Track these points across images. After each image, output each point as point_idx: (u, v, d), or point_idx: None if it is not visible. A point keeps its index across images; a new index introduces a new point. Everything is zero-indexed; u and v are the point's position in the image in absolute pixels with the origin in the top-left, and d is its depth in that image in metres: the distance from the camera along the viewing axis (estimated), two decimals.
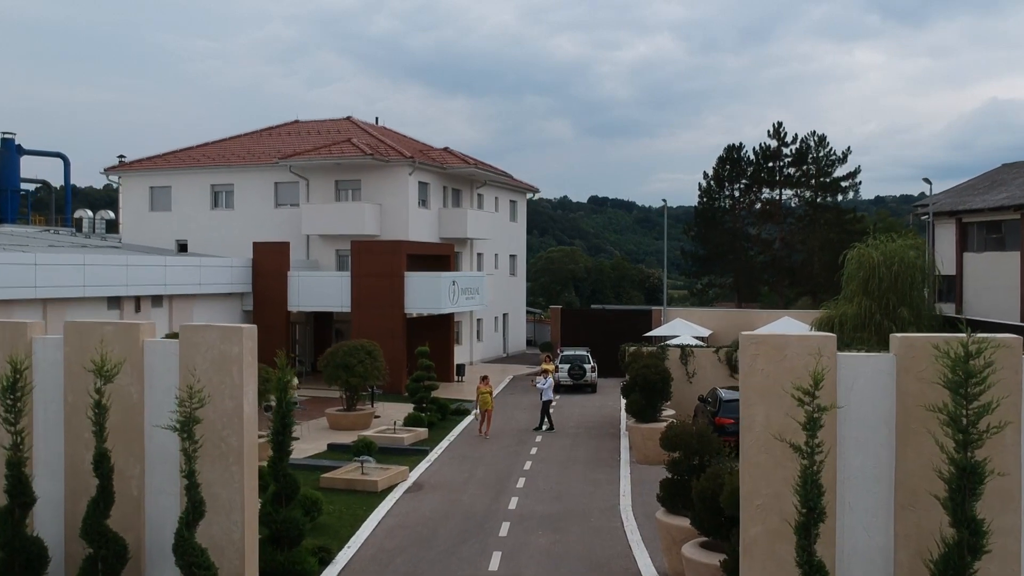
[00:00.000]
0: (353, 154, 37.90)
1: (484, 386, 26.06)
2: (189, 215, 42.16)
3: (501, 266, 49.35)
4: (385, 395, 31.94)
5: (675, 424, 14.11)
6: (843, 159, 55.06)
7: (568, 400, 33.49)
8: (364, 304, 34.38)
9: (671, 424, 14.09)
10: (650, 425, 21.81)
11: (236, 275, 35.40)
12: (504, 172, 44.79)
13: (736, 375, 26.78)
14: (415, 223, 39.32)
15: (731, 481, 10.64)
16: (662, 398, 21.98)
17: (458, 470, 21.16)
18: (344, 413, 26.72)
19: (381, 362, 27.05)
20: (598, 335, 43.14)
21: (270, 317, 35.70)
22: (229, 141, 44.88)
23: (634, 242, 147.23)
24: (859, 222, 54.92)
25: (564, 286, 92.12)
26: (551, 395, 26.92)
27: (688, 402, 26.18)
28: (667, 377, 21.95)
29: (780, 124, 55.66)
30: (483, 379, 26.72)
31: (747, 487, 9.38)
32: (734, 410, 22.59)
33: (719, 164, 57.45)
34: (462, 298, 35.83)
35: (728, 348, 26.92)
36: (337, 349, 26.69)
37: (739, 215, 57.46)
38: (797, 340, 9.38)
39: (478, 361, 45.38)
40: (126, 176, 43.53)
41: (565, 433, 26.27)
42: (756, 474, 9.33)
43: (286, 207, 40.72)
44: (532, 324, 57.60)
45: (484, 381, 26.45)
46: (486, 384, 26.23)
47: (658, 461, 21.55)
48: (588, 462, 22.12)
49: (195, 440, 10.06)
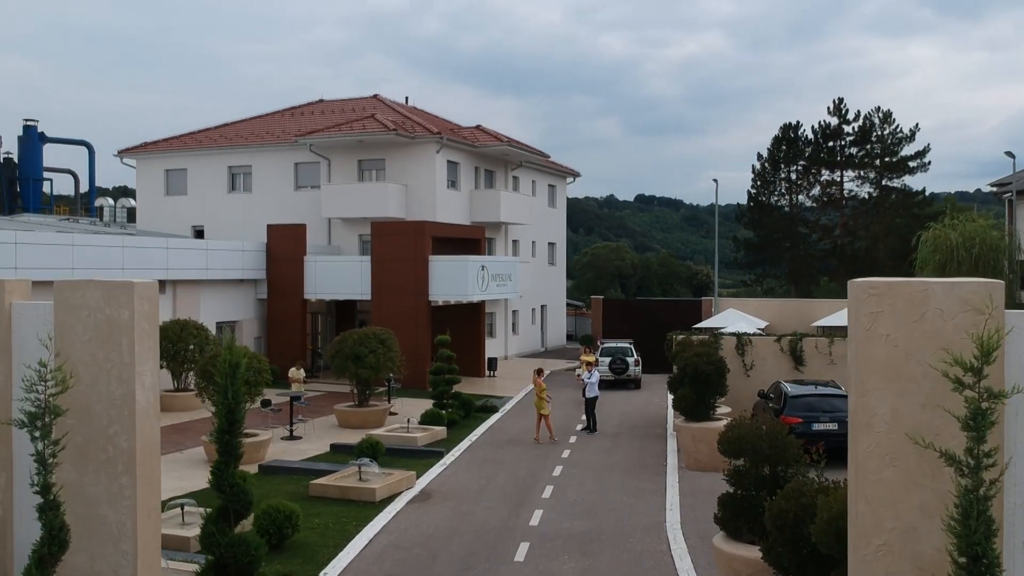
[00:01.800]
0: (376, 130, 35.02)
1: (540, 379, 22.54)
2: (206, 199, 39.73)
3: (539, 254, 46.14)
4: (406, 390, 28.97)
5: (738, 422, 10.78)
6: (911, 137, 50.66)
7: (609, 397, 30.15)
8: (385, 291, 31.47)
9: (734, 422, 10.76)
10: (702, 424, 18.45)
11: (249, 260, 32.75)
12: (541, 152, 41.58)
13: (801, 368, 23.29)
14: (443, 205, 36.32)
15: (829, 504, 7.32)
16: (716, 393, 18.60)
17: (475, 476, 18.04)
18: (355, 409, 23.79)
19: (396, 352, 24.06)
20: (642, 327, 39.66)
21: (285, 305, 33.00)
22: (249, 122, 42.40)
23: (681, 240, 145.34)
24: (928, 205, 50.56)
25: (609, 282, 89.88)
26: (597, 391, 23.41)
27: (745, 399, 22.73)
28: (722, 367, 18.57)
29: (841, 100, 51.56)
30: (537, 372, 23.34)
31: (862, 518, 6.08)
32: (802, 407, 19.10)
33: (774, 145, 53.38)
34: (492, 285, 32.72)
35: (792, 337, 23.38)
36: (346, 338, 23.76)
37: (796, 199, 53.33)
38: (945, 289, 6.01)
39: (513, 356, 42.26)
40: (141, 159, 41.26)
41: (604, 433, 22.98)
42: (877, 498, 6.03)
43: (307, 189, 38.04)
44: (573, 317, 54.28)
45: (539, 375, 23.01)
46: (541, 377, 22.72)
47: (712, 467, 18.15)
48: (629, 468, 18.83)
49: (52, 440, 7.05)
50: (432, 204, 35.81)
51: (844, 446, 16.59)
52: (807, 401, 18.97)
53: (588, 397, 23.23)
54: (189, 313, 29.77)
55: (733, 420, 10.96)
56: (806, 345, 23.12)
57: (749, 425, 10.67)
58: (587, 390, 23.26)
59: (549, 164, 47.07)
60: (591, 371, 23.86)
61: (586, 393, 23.35)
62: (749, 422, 10.90)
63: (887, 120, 50.64)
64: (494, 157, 40.43)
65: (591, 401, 23.21)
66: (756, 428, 10.48)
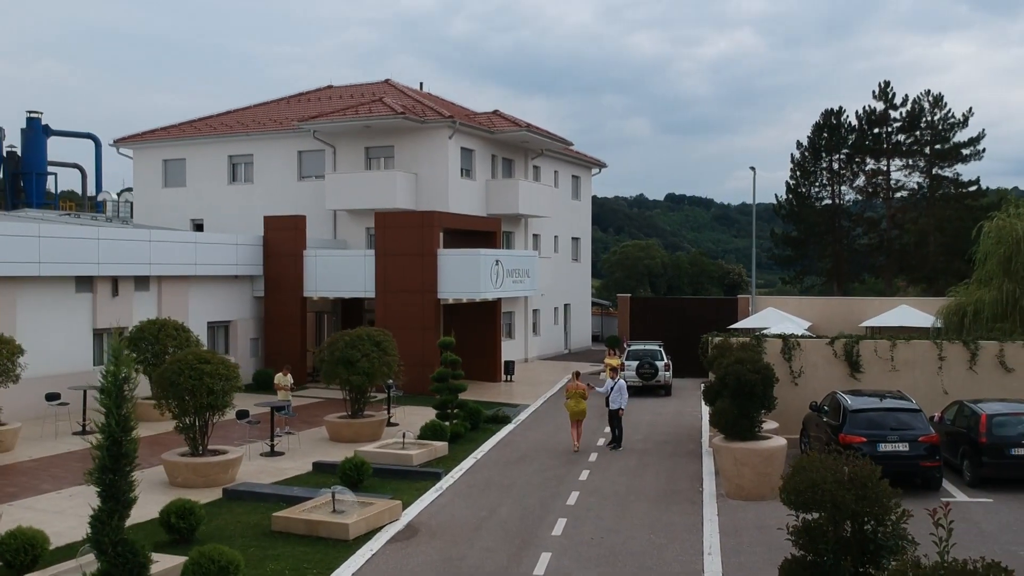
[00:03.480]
0: (383, 113, 32.27)
1: (575, 386, 20.06)
2: (205, 191, 37.30)
3: (562, 250, 43.20)
4: (411, 397, 26.23)
5: (809, 462, 7.82)
6: (963, 122, 46.86)
7: (636, 405, 27.17)
8: (390, 288, 28.73)
9: (802, 463, 7.80)
10: (746, 445, 15.45)
11: (244, 254, 30.18)
12: (563, 139, 38.59)
13: (858, 375, 20.16)
14: (457, 195, 33.52)
15: None
16: (762, 406, 15.58)
17: (474, 505, 15.19)
18: (347, 420, 21.04)
19: (394, 356, 21.29)
20: (674, 328, 36.60)
21: (283, 304, 30.41)
22: (251, 109, 39.90)
23: (712, 239, 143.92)
24: (983, 195, 46.83)
25: (639, 281, 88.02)
26: (622, 401, 20.35)
27: (794, 411, 19.69)
28: (769, 376, 15.55)
29: (887, 83, 47.89)
30: (574, 376, 20.84)
31: None
32: (866, 423, 15.94)
33: (815, 132, 49.76)
34: (508, 281, 29.85)
35: (848, 339, 20.24)
36: (337, 340, 21.03)
37: (839, 191, 49.80)
38: None
39: (534, 358, 39.37)
40: (138, 149, 38.92)
41: (630, 449, 20.03)
42: None
43: (311, 180, 35.43)
44: (599, 317, 51.27)
45: (575, 379, 20.52)
46: (576, 383, 20.19)
47: (757, 495, 15.17)
48: (658, 496, 15.87)
49: None
50: (444, 194, 33.03)
51: (916, 470, 13.22)
52: (871, 417, 15.90)
53: (611, 409, 20.34)
54: (176, 312, 27.25)
55: (800, 461, 8.00)
56: (864, 349, 19.98)
57: (824, 465, 7.70)
58: (610, 399, 20.36)
59: (573, 153, 44.11)
60: (615, 378, 20.90)
61: (608, 404, 20.46)
62: (823, 460, 7.93)
63: (938, 104, 46.83)
64: (513, 144, 37.56)
65: (614, 413, 20.32)
66: (835, 470, 7.51)
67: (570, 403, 19.91)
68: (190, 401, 16.28)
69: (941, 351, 19.76)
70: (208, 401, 16.30)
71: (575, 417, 19.93)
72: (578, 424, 19.99)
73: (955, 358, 19.78)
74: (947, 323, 29.67)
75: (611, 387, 20.49)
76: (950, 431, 17.07)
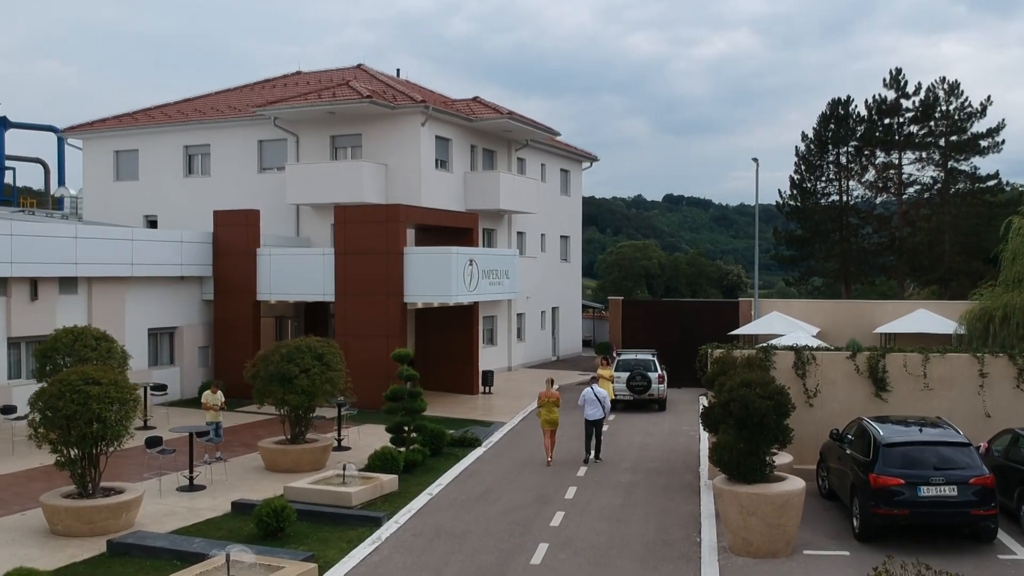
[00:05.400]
0: (348, 98, 29.21)
1: (547, 394, 18.60)
2: (159, 185, 34.25)
3: (550, 249, 40.14)
4: (371, 415, 23.14)
5: None
6: (982, 112, 43.72)
7: (626, 422, 24.16)
8: (351, 291, 25.67)
9: None
10: (754, 489, 12.39)
11: (191, 253, 27.13)
12: (549, 128, 35.51)
13: (884, 394, 17.10)
14: (431, 189, 30.47)
15: None
16: (775, 440, 12.51)
17: (415, 565, 12.13)
18: (284, 447, 17.96)
19: (339, 371, 18.23)
20: (671, 333, 33.57)
21: (235, 308, 27.39)
22: (213, 96, 36.81)
23: (711, 240, 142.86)
24: (1002, 191, 43.74)
25: (636, 282, 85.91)
26: (598, 411, 18.56)
27: (808, 437, 16.65)
28: (783, 403, 12.48)
29: (899, 71, 44.72)
30: (548, 383, 19.20)
31: None
32: (902, 461, 12.75)
33: (821, 123, 46.54)
34: (484, 283, 26.79)
35: (872, 352, 17.15)
36: (272, 352, 17.95)
37: (846, 186, 46.60)
38: None
39: (519, 366, 36.34)
40: (88, 139, 35.85)
41: (615, 483, 16.98)
42: None
43: (273, 172, 32.38)
44: (591, 321, 48.20)
45: (548, 386, 19.00)
46: (550, 391, 18.66)
47: (767, 551, 12.14)
48: (645, 550, 12.81)
49: None
50: (417, 187, 29.98)
51: (966, 520, 10.08)
52: (909, 452, 12.83)
53: (589, 419, 18.56)
54: (110, 318, 24.26)
55: None
56: (891, 364, 16.90)
57: None
58: (586, 409, 18.60)
59: (561, 145, 41.07)
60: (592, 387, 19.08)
61: (584, 414, 18.66)
62: None
63: (953, 92, 43.62)
64: (494, 134, 34.49)
65: (592, 424, 18.58)
66: None
67: (543, 412, 18.48)
68: (73, 431, 13.24)
69: (983, 366, 16.70)
70: (94, 431, 13.26)
71: (548, 427, 18.47)
72: (551, 435, 18.57)
73: (999, 374, 16.72)
74: (971, 330, 26.80)
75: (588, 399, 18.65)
76: (1002, 466, 14.02)
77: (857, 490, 13.09)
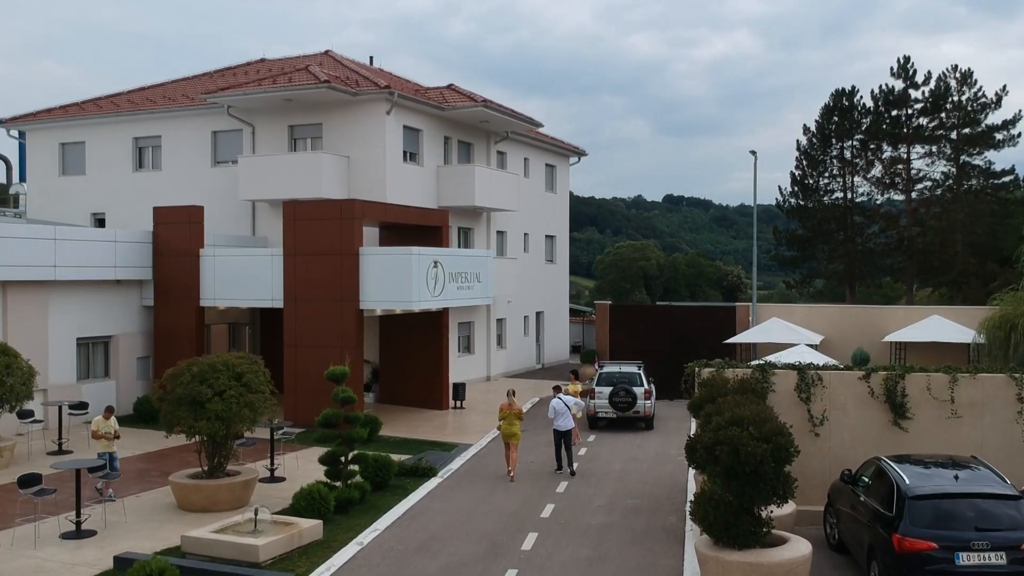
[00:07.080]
0: (305, 83, 26.56)
1: (508, 406, 17.66)
2: (107, 179, 31.61)
3: (533, 249, 37.47)
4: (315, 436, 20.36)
5: None
6: (996, 103, 40.94)
7: (608, 443, 21.50)
8: (302, 296, 23.01)
9: None
10: (747, 557, 9.72)
11: (127, 254, 24.49)
12: (531, 119, 32.83)
13: (903, 422, 14.41)
14: (397, 183, 27.82)
15: None
16: (774, 494, 9.83)
17: None
18: (197, 482, 15.30)
19: (262, 393, 15.56)
20: (663, 341, 31.01)
21: (177, 314, 24.73)
22: (169, 85, 34.15)
23: (711, 241, 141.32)
24: (1019, 187, 41.00)
25: (634, 283, 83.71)
26: (569, 422, 17.86)
27: (813, 473, 14.03)
28: (784, 446, 9.81)
29: (908, 59, 41.97)
30: (509, 394, 18.20)
31: None
32: (939, 519, 9.76)
33: (824, 115, 43.74)
34: (451, 287, 24.12)
35: (890, 372, 14.46)
36: (182, 371, 15.27)
37: (851, 182, 43.82)
38: None
39: (499, 375, 33.68)
40: (32, 130, 33.20)
41: (584, 524, 14.30)
42: None
43: (227, 165, 29.73)
44: (580, 326, 45.56)
45: (509, 398, 17.97)
46: (511, 403, 17.73)
47: None
48: None
49: None
50: (382, 182, 27.34)
51: None
52: (944, 507, 10.14)
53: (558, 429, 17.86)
54: (31, 327, 21.66)
55: None
56: (912, 386, 14.22)
57: None
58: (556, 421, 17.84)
59: (547, 139, 38.42)
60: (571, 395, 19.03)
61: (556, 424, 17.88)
62: None
63: (966, 82, 40.82)
64: (470, 125, 31.81)
65: (561, 435, 17.82)
66: None
67: (503, 425, 17.52)
68: None
69: (1021, 390, 14.03)
70: None
71: (509, 440, 17.53)
72: (513, 448, 17.61)
73: None
74: (990, 339, 24.33)
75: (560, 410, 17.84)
76: None
77: (877, 553, 10.42)
